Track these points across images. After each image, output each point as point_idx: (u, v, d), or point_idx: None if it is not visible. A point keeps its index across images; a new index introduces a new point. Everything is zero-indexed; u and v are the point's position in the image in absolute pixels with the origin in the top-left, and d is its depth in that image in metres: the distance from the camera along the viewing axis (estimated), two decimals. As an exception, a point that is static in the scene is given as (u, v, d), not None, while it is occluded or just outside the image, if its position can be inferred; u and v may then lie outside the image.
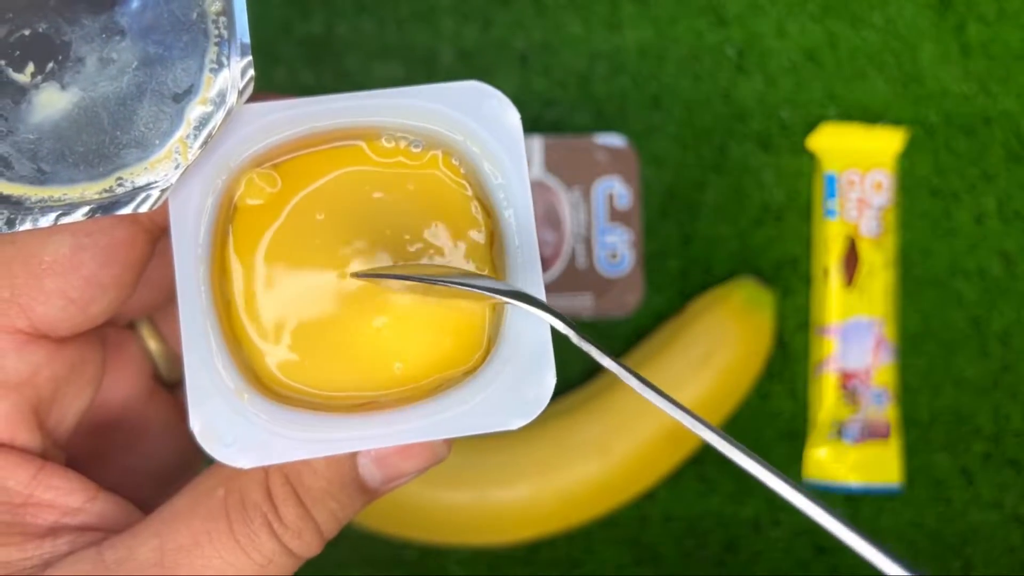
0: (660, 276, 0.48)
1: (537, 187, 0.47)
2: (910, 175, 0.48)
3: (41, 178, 0.23)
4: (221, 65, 0.24)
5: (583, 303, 0.47)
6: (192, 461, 0.32)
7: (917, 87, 0.48)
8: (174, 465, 0.31)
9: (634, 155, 0.47)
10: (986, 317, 0.48)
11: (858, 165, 0.47)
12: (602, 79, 0.48)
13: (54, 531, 0.25)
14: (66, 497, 0.25)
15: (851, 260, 0.47)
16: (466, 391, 0.24)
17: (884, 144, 0.48)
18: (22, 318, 0.25)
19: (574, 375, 0.48)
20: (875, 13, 0.48)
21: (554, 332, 0.25)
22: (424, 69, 0.47)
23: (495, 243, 0.26)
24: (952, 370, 0.48)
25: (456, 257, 0.25)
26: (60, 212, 0.23)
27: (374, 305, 0.25)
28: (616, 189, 0.47)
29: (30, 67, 0.23)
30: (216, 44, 0.24)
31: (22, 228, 0.23)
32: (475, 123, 0.25)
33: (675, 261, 0.48)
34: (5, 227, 0.23)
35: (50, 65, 0.23)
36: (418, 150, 0.25)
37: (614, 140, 0.47)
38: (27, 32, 0.24)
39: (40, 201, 0.23)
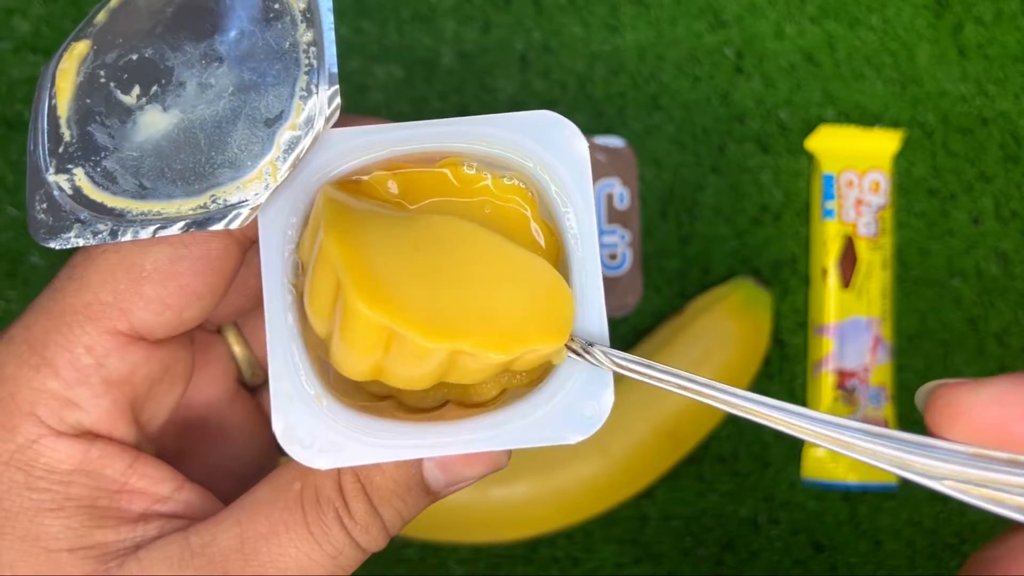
0: (659, 276, 0.48)
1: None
2: (908, 176, 0.49)
3: (142, 193, 0.25)
4: (310, 93, 0.25)
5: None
6: (271, 462, 0.34)
7: (915, 88, 0.48)
8: (254, 465, 0.33)
9: (633, 156, 0.47)
10: (983, 317, 0.49)
11: (856, 166, 0.47)
12: (602, 80, 0.48)
13: (145, 517, 0.27)
14: (157, 486, 0.27)
15: (849, 260, 0.47)
16: (528, 405, 0.25)
17: (881, 145, 0.48)
18: (123, 321, 0.26)
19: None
20: (873, 15, 0.48)
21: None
22: (424, 71, 0.47)
23: (559, 265, 0.26)
24: (949, 370, 0.49)
25: None
26: (158, 226, 0.25)
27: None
28: (615, 189, 0.47)
29: (136, 89, 0.25)
30: (306, 73, 0.25)
31: (124, 239, 0.25)
32: (547, 152, 0.26)
33: (674, 261, 0.48)
34: (109, 237, 0.25)
35: (154, 88, 0.25)
36: (489, 177, 0.26)
37: (613, 141, 0.47)
38: (134, 57, 0.25)
39: (141, 215, 0.25)
